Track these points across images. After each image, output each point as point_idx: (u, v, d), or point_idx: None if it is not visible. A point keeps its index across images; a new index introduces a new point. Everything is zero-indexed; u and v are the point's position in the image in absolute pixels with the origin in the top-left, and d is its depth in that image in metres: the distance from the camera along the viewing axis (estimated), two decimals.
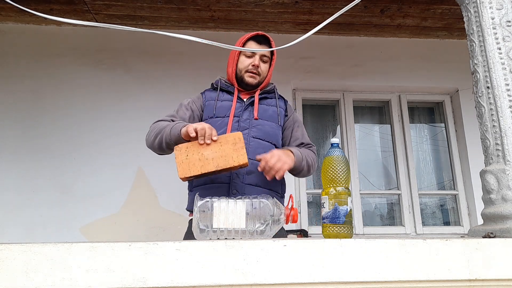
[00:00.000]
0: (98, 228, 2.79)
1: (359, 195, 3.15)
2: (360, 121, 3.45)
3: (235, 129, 1.65)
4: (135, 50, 3.16)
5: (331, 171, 1.16)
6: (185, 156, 1.26)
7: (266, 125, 1.70)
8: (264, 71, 1.76)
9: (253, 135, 1.66)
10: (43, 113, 2.99)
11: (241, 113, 1.69)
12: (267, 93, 1.79)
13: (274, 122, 1.73)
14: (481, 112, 1.37)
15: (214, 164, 1.22)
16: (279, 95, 1.83)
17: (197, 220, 1.10)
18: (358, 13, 2.97)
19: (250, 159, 1.59)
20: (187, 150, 1.28)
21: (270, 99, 1.79)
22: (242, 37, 1.77)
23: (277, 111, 1.75)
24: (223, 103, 1.73)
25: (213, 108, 1.71)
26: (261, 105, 1.74)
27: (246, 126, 1.67)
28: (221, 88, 1.77)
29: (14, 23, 3.13)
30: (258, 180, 1.61)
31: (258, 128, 1.68)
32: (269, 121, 1.72)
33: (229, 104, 1.71)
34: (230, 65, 1.78)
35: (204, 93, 1.81)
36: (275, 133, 1.72)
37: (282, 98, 1.84)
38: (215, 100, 1.73)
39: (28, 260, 0.90)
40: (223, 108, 1.71)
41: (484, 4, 1.40)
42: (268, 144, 1.68)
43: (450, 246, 0.98)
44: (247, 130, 1.66)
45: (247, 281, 0.92)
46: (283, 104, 1.81)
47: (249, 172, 1.60)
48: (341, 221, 1.10)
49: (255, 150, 1.62)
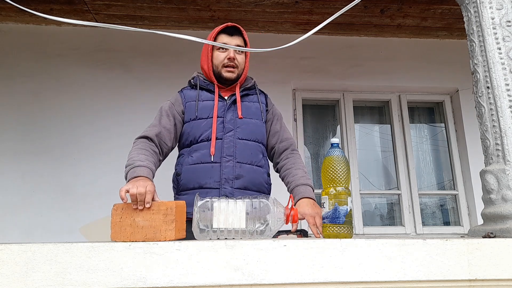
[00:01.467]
0: (98, 228, 2.78)
1: (359, 195, 3.15)
2: (360, 121, 3.45)
3: (220, 130, 1.62)
4: (135, 50, 3.16)
5: (331, 171, 1.16)
6: (119, 218, 1.14)
7: (251, 124, 1.68)
8: (241, 62, 1.70)
9: (239, 137, 1.63)
10: (43, 113, 2.98)
11: (225, 113, 1.65)
12: (248, 90, 1.75)
13: (258, 119, 1.70)
14: (481, 112, 1.37)
15: (143, 234, 1.11)
16: (259, 90, 1.79)
17: (197, 220, 1.10)
18: (358, 13, 2.97)
19: (238, 162, 1.60)
20: (122, 212, 1.15)
21: (251, 95, 1.75)
22: (212, 31, 1.71)
23: (260, 107, 1.73)
24: (204, 103, 1.67)
25: (194, 109, 1.66)
26: (244, 103, 1.70)
27: (231, 127, 1.64)
28: (200, 86, 1.71)
29: (14, 23, 3.13)
30: (247, 183, 1.60)
31: (242, 128, 1.65)
32: (253, 118, 1.69)
33: (211, 104, 1.66)
34: (205, 62, 1.71)
35: (183, 92, 1.74)
36: (260, 130, 1.70)
37: (263, 93, 1.81)
38: (196, 101, 1.67)
39: (28, 260, 0.90)
40: (205, 109, 1.66)
41: (484, 4, 1.40)
42: (254, 144, 1.66)
43: (450, 246, 0.98)
44: (232, 132, 1.63)
45: (247, 281, 0.92)
46: (264, 99, 1.78)
47: (238, 176, 1.59)
48: (341, 221, 1.10)
49: (242, 152, 1.61)
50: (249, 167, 1.62)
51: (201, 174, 1.59)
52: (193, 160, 1.61)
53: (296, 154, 1.73)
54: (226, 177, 1.57)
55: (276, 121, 1.77)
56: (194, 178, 1.59)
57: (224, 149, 1.60)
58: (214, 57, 1.70)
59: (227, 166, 1.59)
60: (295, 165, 1.67)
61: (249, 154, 1.62)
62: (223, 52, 1.68)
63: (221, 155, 1.59)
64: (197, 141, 1.64)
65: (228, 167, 1.59)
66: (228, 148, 1.61)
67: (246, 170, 1.61)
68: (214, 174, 1.58)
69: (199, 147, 1.63)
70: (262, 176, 1.67)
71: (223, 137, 1.62)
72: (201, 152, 1.61)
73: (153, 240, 1.05)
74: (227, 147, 1.61)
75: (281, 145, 1.73)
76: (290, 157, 1.71)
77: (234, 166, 1.59)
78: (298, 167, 1.66)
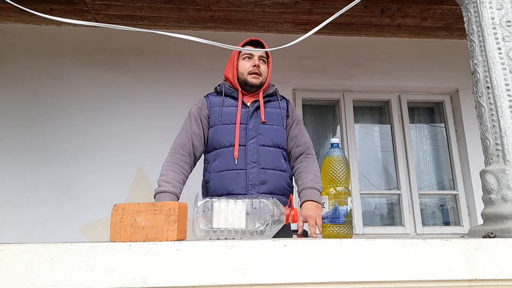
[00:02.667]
0: (98, 228, 2.79)
1: (359, 195, 3.15)
2: (360, 121, 3.45)
3: (243, 137, 1.68)
4: (135, 50, 3.16)
5: (331, 171, 1.16)
6: (119, 218, 1.15)
7: (272, 130, 1.73)
8: (264, 71, 1.80)
9: (261, 143, 1.69)
10: (43, 113, 2.99)
11: (247, 120, 1.72)
12: (270, 96, 1.81)
13: (279, 125, 1.76)
14: (481, 112, 1.37)
15: (144, 234, 1.11)
16: (281, 96, 1.85)
17: (197, 220, 1.10)
18: (358, 13, 2.97)
19: (262, 168, 1.66)
20: (123, 212, 1.16)
21: (273, 101, 1.81)
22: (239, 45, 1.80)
23: (281, 113, 1.78)
24: (228, 109, 1.75)
25: (218, 115, 1.73)
26: (266, 109, 1.76)
27: (253, 134, 1.70)
28: (225, 93, 1.79)
29: (14, 23, 3.13)
30: (272, 188, 1.66)
31: (264, 135, 1.71)
32: (274, 124, 1.75)
33: (234, 110, 1.74)
34: (230, 71, 1.81)
35: (208, 98, 1.82)
36: (281, 136, 1.75)
37: (284, 99, 1.86)
38: (220, 107, 1.75)
39: (28, 260, 0.90)
40: (229, 115, 1.73)
41: (484, 4, 1.40)
42: (276, 150, 1.72)
43: (450, 246, 0.98)
44: (254, 139, 1.69)
45: (247, 281, 0.92)
46: (285, 104, 1.84)
47: (263, 181, 1.65)
48: (341, 221, 1.10)
49: (265, 158, 1.68)
50: (273, 172, 1.68)
51: (228, 181, 1.66)
52: (219, 168, 1.69)
53: (311, 158, 1.76)
54: (252, 183, 1.64)
55: (296, 126, 1.81)
56: (222, 185, 1.67)
57: (248, 156, 1.67)
58: (240, 66, 1.79)
59: (252, 173, 1.65)
60: (307, 168, 1.71)
61: (271, 160, 1.69)
62: (249, 60, 1.78)
63: (246, 162, 1.66)
64: (220, 147, 1.71)
65: (253, 173, 1.65)
66: (252, 155, 1.67)
67: (271, 175, 1.67)
68: (241, 181, 1.65)
69: (222, 152, 1.70)
70: (286, 180, 1.73)
71: (246, 144, 1.68)
72: (224, 157, 1.69)
73: (154, 241, 1.06)
74: (251, 154, 1.67)
75: (298, 149, 1.77)
76: (304, 160, 1.75)
77: (258, 172, 1.66)
78: (309, 170, 1.70)
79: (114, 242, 1.02)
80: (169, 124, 2.45)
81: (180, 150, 1.70)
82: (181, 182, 1.65)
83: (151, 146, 2.88)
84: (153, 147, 2.83)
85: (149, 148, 2.89)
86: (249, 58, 1.78)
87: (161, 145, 2.13)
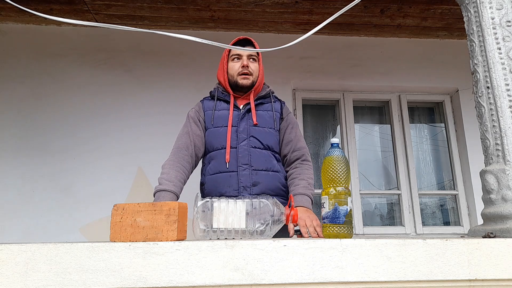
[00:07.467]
0: (98, 228, 2.79)
1: (359, 195, 3.15)
2: (360, 121, 3.45)
3: (234, 139, 1.69)
4: (135, 50, 3.16)
5: (331, 171, 1.16)
6: (119, 218, 1.15)
7: (263, 132, 1.73)
8: (255, 70, 1.78)
9: (252, 145, 1.70)
10: (43, 113, 2.98)
11: (239, 122, 1.72)
12: (263, 98, 1.81)
13: (271, 128, 1.75)
14: (481, 112, 1.37)
15: (144, 234, 1.11)
16: (276, 98, 1.84)
17: (197, 220, 1.10)
18: (358, 13, 2.97)
19: (254, 169, 1.66)
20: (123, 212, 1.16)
21: (266, 103, 1.81)
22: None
23: (273, 115, 1.77)
24: (220, 112, 1.76)
25: (211, 118, 1.75)
26: (258, 111, 1.76)
27: (245, 136, 1.70)
28: (218, 97, 1.80)
29: (14, 23, 3.13)
30: (265, 189, 1.66)
31: (256, 137, 1.71)
32: (266, 127, 1.74)
33: (226, 113, 1.75)
34: (221, 74, 1.81)
35: (203, 102, 1.84)
36: (273, 139, 1.75)
37: (279, 101, 1.85)
38: (213, 110, 1.77)
39: (28, 260, 0.90)
40: (221, 118, 1.74)
41: (484, 4, 1.40)
42: (267, 152, 1.72)
43: (450, 246, 0.98)
44: (245, 141, 1.69)
45: (247, 281, 0.92)
46: (279, 107, 1.82)
47: (255, 183, 1.65)
48: (341, 221, 1.10)
49: (257, 160, 1.68)
50: (265, 174, 1.68)
51: (220, 183, 1.67)
52: (213, 170, 1.70)
53: (305, 164, 1.75)
54: (244, 185, 1.64)
55: (291, 130, 1.80)
56: (215, 188, 1.68)
57: (239, 158, 1.67)
58: (229, 68, 1.79)
59: (243, 175, 1.65)
60: (300, 175, 1.70)
61: (263, 161, 1.69)
62: (237, 61, 1.77)
63: (237, 164, 1.67)
64: (213, 149, 1.72)
65: (244, 175, 1.65)
66: (243, 157, 1.67)
67: (263, 177, 1.67)
68: (233, 183, 1.65)
69: (215, 155, 1.71)
70: (280, 180, 1.72)
71: (238, 146, 1.69)
72: (217, 160, 1.70)
73: (154, 241, 1.06)
74: (242, 156, 1.67)
75: (293, 155, 1.76)
76: (298, 167, 1.74)
77: (250, 174, 1.66)
78: (302, 177, 1.69)
79: (114, 242, 1.02)
80: (169, 124, 2.46)
81: (183, 150, 1.71)
82: (182, 182, 1.66)
83: (151, 146, 2.89)
84: (153, 147, 2.83)
85: (149, 148, 2.90)
86: (238, 59, 1.78)
87: (161, 145, 2.14)
